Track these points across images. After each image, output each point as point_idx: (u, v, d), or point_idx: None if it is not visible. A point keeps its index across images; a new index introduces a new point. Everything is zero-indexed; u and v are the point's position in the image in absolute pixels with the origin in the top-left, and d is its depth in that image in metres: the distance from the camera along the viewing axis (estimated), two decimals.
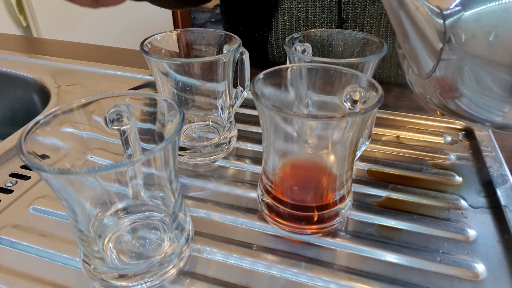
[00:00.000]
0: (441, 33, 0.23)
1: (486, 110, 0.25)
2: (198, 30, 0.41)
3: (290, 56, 0.36)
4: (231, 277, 0.29)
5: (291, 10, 0.57)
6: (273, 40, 0.61)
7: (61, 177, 0.22)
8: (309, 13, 0.56)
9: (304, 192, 0.32)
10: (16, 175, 0.39)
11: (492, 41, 0.22)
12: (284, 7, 0.57)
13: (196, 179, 0.38)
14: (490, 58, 0.22)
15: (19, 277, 0.29)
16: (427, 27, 0.23)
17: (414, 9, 0.22)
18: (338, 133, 0.28)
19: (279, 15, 0.58)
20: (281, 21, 0.58)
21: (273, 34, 0.60)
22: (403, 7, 0.22)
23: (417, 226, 0.33)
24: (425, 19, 0.22)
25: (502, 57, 0.22)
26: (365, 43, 0.38)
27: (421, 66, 0.25)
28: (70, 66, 0.63)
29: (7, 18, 1.60)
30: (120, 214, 0.30)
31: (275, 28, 0.59)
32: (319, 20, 0.56)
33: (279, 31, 0.59)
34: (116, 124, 0.28)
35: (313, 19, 0.56)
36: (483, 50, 0.22)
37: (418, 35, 0.23)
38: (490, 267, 0.29)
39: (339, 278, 0.28)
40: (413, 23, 0.22)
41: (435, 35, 0.23)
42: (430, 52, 0.24)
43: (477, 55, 0.23)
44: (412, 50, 0.24)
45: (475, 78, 0.24)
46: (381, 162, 0.40)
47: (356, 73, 0.30)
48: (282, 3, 0.56)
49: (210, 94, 0.40)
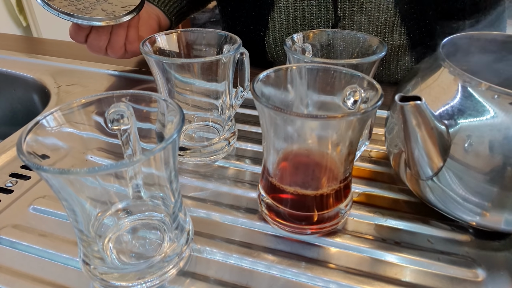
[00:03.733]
0: (447, 146, 0.27)
1: (468, 209, 0.29)
2: (198, 30, 0.41)
3: (290, 57, 0.36)
4: (231, 277, 0.29)
5: (287, 8, 0.56)
6: (270, 40, 0.61)
7: (61, 177, 0.22)
8: (306, 11, 0.56)
9: (304, 192, 0.31)
10: (16, 175, 0.39)
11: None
12: (280, 6, 0.57)
13: (196, 179, 0.38)
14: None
15: (19, 277, 0.29)
16: (437, 141, 0.27)
17: (429, 128, 0.26)
18: (338, 133, 0.28)
19: (275, 14, 0.58)
20: (277, 20, 0.59)
21: (270, 33, 0.60)
22: (419, 126, 0.26)
23: (417, 226, 0.33)
24: (436, 133, 0.26)
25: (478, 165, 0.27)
26: (365, 43, 0.38)
27: (424, 170, 0.29)
28: (70, 66, 0.63)
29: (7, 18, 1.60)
30: (120, 214, 0.30)
31: (272, 27, 0.59)
32: (316, 19, 0.56)
33: (276, 31, 0.59)
34: (116, 124, 0.28)
35: (309, 17, 0.56)
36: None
37: (429, 148, 0.27)
38: (490, 267, 0.29)
39: (339, 278, 0.29)
40: (425, 138, 0.26)
41: (442, 147, 0.27)
42: (437, 160, 0.28)
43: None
44: (420, 157, 0.28)
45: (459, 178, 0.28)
46: (382, 163, 0.40)
47: (356, 73, 0.30)
48: (278, 2, 0.56)
49: (210, 94, 0.40)
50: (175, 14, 0.64)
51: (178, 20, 0.66)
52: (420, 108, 0.25)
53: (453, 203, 0.29)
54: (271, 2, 0.57)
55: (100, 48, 0.52)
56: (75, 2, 0.48)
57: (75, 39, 0.51)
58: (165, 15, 0.62)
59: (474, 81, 0.27)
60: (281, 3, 0.56)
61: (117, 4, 0.50)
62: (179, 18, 0.66)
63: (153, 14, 0.59)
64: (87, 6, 0.48)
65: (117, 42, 0.53)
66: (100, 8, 0.49)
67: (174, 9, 0.63)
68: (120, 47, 0.53)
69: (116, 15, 0.49)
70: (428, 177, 0.29)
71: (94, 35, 0.51)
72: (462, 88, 0.28)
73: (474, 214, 0.28)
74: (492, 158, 0.26)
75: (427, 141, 0.26)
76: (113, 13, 0.49)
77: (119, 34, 0.52)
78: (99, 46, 0.52)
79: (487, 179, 0.26)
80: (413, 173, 0.30)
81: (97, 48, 0.52)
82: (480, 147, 0.26)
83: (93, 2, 0.49)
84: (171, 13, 0.63)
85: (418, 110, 0.25)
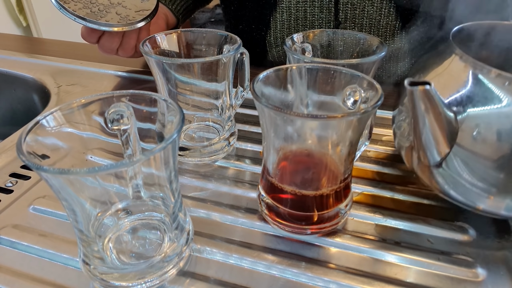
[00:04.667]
0: (454, 133, 0.27)
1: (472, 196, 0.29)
2: (198, 30, 0.41)
3: (289, 57, 0.36)
4: (231, 277, 0.29)
5: (290, 9, 0.57)
6: (271, 40, 0.61)
7: (61, 177, 0.22)
8: (308, 12, 0.56)
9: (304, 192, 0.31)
10: (16, 175, 0.39)
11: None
12: (282, 6, 0.57)
13: (196, 179, 0.38)
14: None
15: (19, 277, 0.29)
16: (445, 127, 0.27)
17: (437, 113, 0.26)
18: (337, 133, 0.28)
19: (278, 14, 0.58)
20: (279, 20, 0.59)
21: (272, 33, 0.60)
22: (427, 111, 0.26)
23: (417, 226, 0.33)
24: (445, 120, 0.27)
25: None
26: (365, 43, 0.38)
27: (432, 155, 0.29)
28: (70, 66, 0.63)
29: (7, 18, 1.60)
30: (120, 214, 0.30)
31: (274, 27, 0.59)
32: (318, 20, 0.56)
33: (277, 31, 0.59)
34: (116, 124, 0.28)
35: (311, 18, 0.56)
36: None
37: (436, 133, 0.27)
38: (490, 267, 0.29)
39: (339, 278, 0.29)
40: (433, 123, 0.26)
41: (450, 134, 0.27)
42: (444, 145, 0.28)
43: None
44: (427, 142, 0.28)
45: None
46: (382, 163, 0.40)
47: (356, 73, 0.30)
48: (280, 2, 0.57)
49: (210, 94, 0.40)
50: (182, 12, 0.64)
51: (184, 18, 0.66)
52: (429, 93, 0.25)
53: (463, 189, 0.29)
54: (274, 2, 0.57)
55: (112, 49, 0.53)
56: (89, 5, 0.48)
57: (87, 39, 0.52)
58: (173, 14, 0.62)
59: (485, 69, 0.27)
60: (283, 4, 0.56)
61: (131, 8, 0.50)
62: (186, 16, 0.67)
63: (161, 14, 0.59)
64: (102, 10, 0.48)
65: (129, 44, 0.53)
66: (115, 11, 0.49)
67: (181, 7, 0.64)
68: (132, 49, 0.54)
69: (130, 19, 0.49)
70: (435, 162, 0.29)
71: (107, 37, 0.51)
72: (473, 75, 0.28)
73: (481, 199, 0.29)
74: (500, 146, 0.26)
75: (434, 126, 0.27)
76: (127, 17, 0.49)
77: (131, 36, 0.53)
78: (111, 48, 0.52)
79: (494, 166, 0.27)
80: (421, 158, 0.29)
81: (108, 50, 0.53)
82: (488, 134, 0.26)
83: (108, 5, 0.49)
84: (178, 11, 0.63)
85: (427, 95, 0.25)
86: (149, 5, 0.52)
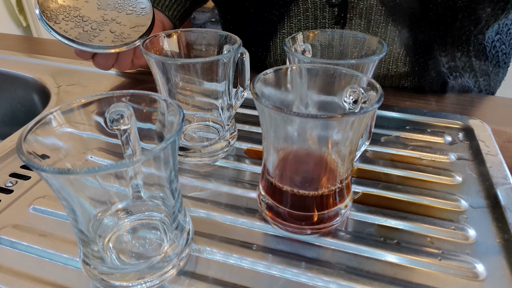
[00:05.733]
0: None
1: None
2: (198, 30, 0.41)
3: (289, 57, 0.36)
4: (231, 277, 0.29)
5: (291, 35, 0.57)
6: (272, 61, 0.61)
7: (61, 177, 0.22)
8: None
9: (304, 192, 0.31)
10: (16, 175, 0.39)
11: None
12: (283, 32, 0.57)
13: (196, 179, 0.38)
14: None
15: (19, 277, 0.29)
16: None
17: None
18: (337, 133, 0.28)
19: (278, 39, 0.58)
20: (279, 46, 0.59)
21: (272, 56, 0.60)
22: None
23: (417, 226, 0.33)
24: None
25: None
26: (365, 43, 0.38)
27: None
28: (70, 66, 0.63)
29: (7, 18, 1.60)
30: (120, 214, 0.30)
31: (274, 50, 0.59)
32: None
33: (277, 54, 0.60)
34: (116, 124, 0.28)
35: None
36: None
37: None
38: (490, 267, 0.29)
39: (339, 278, 0.29)
40: None
41: None
42: None
43: None
44: None
45: None
46: (382, 163, 0.40)
47: (356, 74, 0.30)
48: (282, 29, 0.56)
49: (210, 94, 0.40)
50: (179, 18, 0.63)
51: (181, 22, 0.65)
52: None
53: None
54: (274, 30, 0.57)
55: (107, 66, 0.52)
56: (81, 23, 0.45)
57: (80, 56, 0.50)
58: (169, 20, 0.61)
59: None
60: (284, 30, 0.56)
61: (126, 24, 0.48)
62: (183, 20, 0.66)
63: (157, 21, 0.58)
64: (95, 28, 0.46)
65: (124, 60, 0.52)
66: (108, 29, 0.46)
67: (178, 13, 0.62)
68: (128, 64, 0.53)
69: (125, 36, 0.47)
70: None
71: (101, 56, 0.50)
72: None
73: None
74: None
75: None
76: (122, 35, 0.47)
77: (127, 53, 0.52)
78: (106, 65, 0.51)
79: None
80: None
81: (104, 67, 0.51)
82: None
83: (101, 22, 0.47)
84: (175, 17, 0.62)
85: None
86: (144, 20, 0.49)
